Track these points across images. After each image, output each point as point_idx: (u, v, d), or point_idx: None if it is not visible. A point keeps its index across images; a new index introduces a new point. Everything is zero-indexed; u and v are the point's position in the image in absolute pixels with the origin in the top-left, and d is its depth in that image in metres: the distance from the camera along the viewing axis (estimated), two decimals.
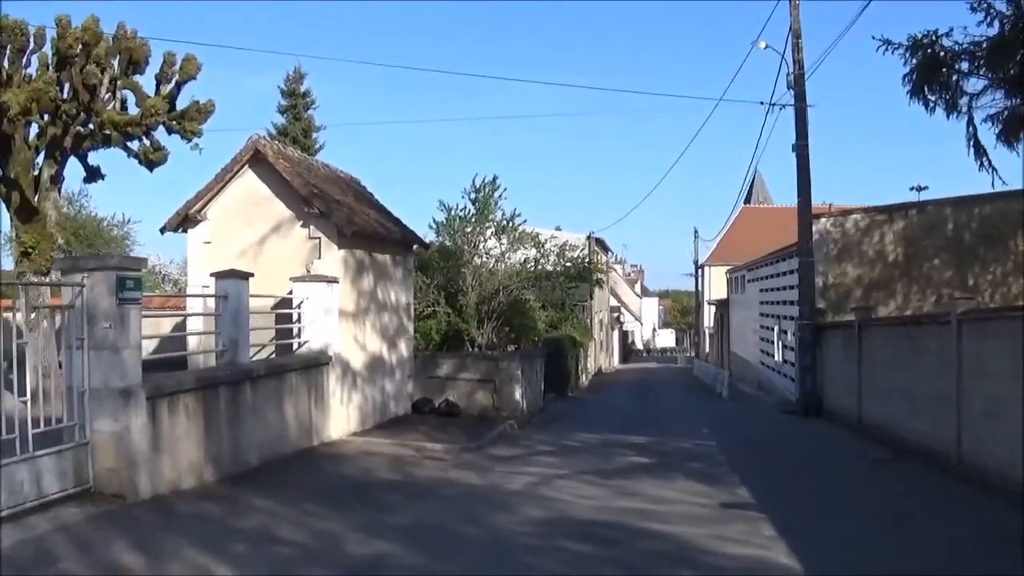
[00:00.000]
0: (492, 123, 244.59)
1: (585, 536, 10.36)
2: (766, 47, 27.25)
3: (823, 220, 28.08)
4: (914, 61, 19.43)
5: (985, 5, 18.77)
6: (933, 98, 19.69)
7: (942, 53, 19.23)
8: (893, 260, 27.78)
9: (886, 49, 19.83)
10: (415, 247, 24.61)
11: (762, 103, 28.21)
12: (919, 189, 49.69)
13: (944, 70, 19.30)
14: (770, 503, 12.41)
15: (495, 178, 31.46)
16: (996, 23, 18.57)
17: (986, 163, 19.81)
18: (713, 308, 66.99)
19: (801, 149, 26.63)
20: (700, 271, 75.41)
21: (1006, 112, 19.82)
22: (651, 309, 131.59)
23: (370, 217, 21.27)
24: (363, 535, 10.10)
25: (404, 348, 22.92)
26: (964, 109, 19.71)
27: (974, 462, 14.10)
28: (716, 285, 70.31)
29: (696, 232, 74.40)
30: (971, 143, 19.85)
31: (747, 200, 76.17)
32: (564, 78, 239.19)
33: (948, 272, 27.38)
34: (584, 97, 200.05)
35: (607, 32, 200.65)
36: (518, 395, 24.86)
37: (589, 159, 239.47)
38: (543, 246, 34.45)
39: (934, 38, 19.16)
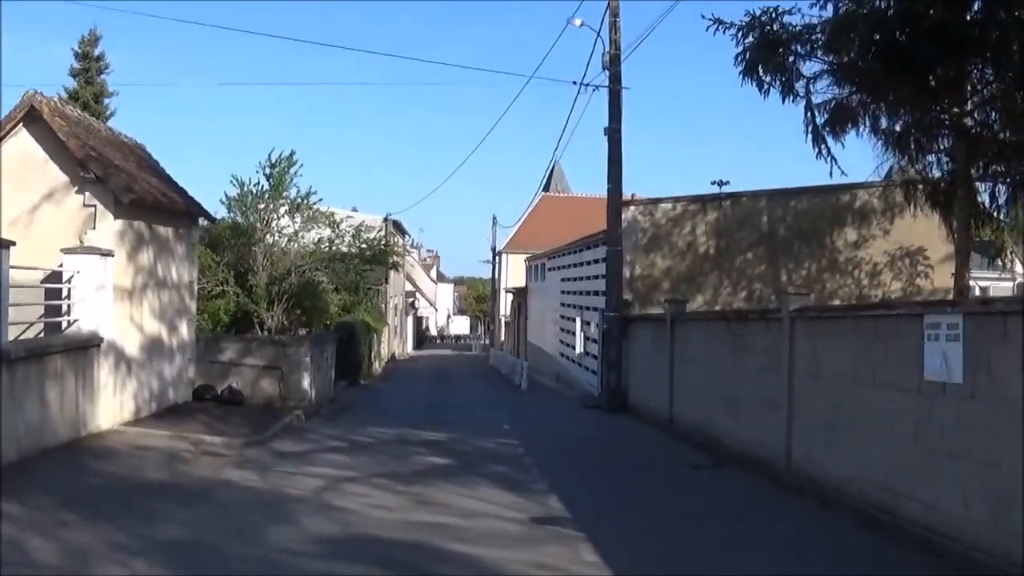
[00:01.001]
0: (293, 94, 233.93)
1: (378, 559, 8.80)
2: (581, 24, 25.82)
3: (632, 208, 26.97)
4: (748, 40, 18.30)
5: None
6: (768, 79, 18.60)
7: (782, 34, 18.18)
8: (704, 252, 26.98)
9: (717, 28, 18.68)
10: (201, 221, 22.85)
11: (575, 83, 26.78)
12: (720, 184, 49.40)
13: (781, 51, 18.25)
14: (587, 518, 11.05)
15: (292, 153, 30.08)
16: (830, 5, 17.68)
17: (824, 151, 18.85)
18: (510, 296, 66.22)
19: (613, 133, 25.46)
20: (498, 258, 74.68)
21: (834, 101, 18.98)
22: (446, 295, 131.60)
23: (152, 185, 19.31)
24: (122, 554, 8.56)
25: (186, 330, 21.06)
26: (801, 93, 18.70)
27: (808, 472, 12.95)
28: (514, 273, 69.73)
29: (495, 218, 73.86)
30: (809, 129, 18.89)
31: (546, 188, 75.90)
32: (376, 45, 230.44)
33: (761, 267, 26.83)
34: (392, 68, 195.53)
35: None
36: (307, 383, 23.07)
37: (392, 136, 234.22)
38: (338, 226, 33.38)
39: (774, 15, 18.08)
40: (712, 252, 26.94)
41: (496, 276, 75.68)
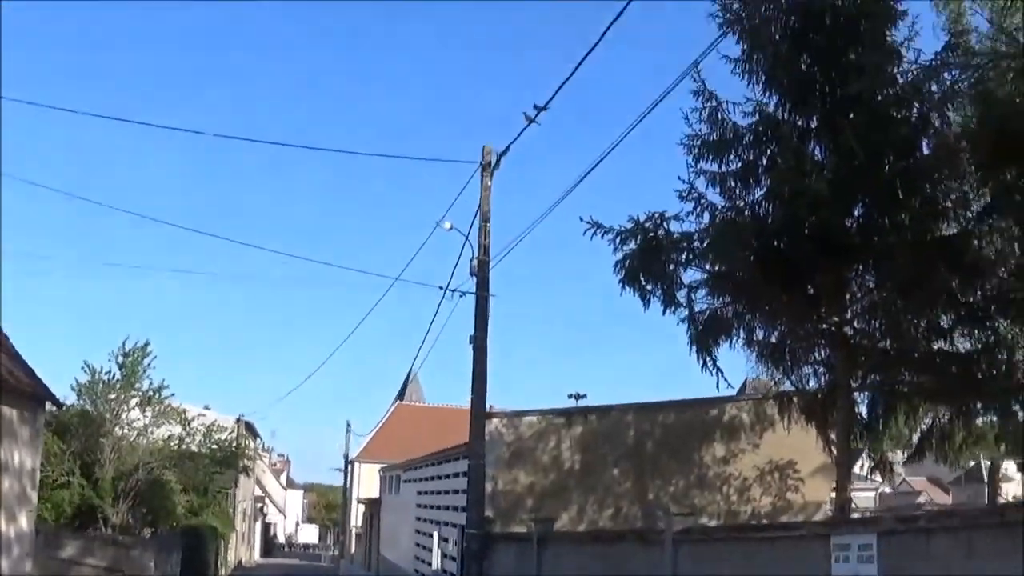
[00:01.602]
0: (149, 284, 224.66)
1: None
2: (451, 228, 25.40)
3: (495, 421, 26.04)
4: (629, 246, 18.16)
5: (696, 195, 18.04)
6: (650, 287, 18.42)
7: (664, 240, 18.13)
8: (570, 468, 26.19)
9: (595, 232, 18.55)
10: (49, 406, 21.59)
11: (441, 288, 26.13)
12: (577, 397, 48.88)
13: (663, 258, 18.16)
14: None
15: (146, 343, 29.72)
16: (707, 214, 17.83)
17: (709, 364, 18.69)
18: (362, 507, 64.00)
19: (479, 341, 24.65)
20: (350, 467, 72.56)
21: (708, 312, 18.97)
22: (296, 502, 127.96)
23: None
24: None
25: (25, 521, 19.47)
26: (684, 302, 18.59)
27: None
28: (367, 482, 66.95)
29: (349, 425, 71.69)
30: (692, 340, 18.73)
31: (400, 397, 75.14)
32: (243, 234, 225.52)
33: (627, 482, 26.16)
34: (250, 261, 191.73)
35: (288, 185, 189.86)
36: None
37: (248, 334, 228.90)
38: (189, 424, 32.88)
39: (659, 220, 18.05)
40: (578, 468, 26.14)
41: (348, 485, 73.32)
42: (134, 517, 28.45)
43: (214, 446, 34.66)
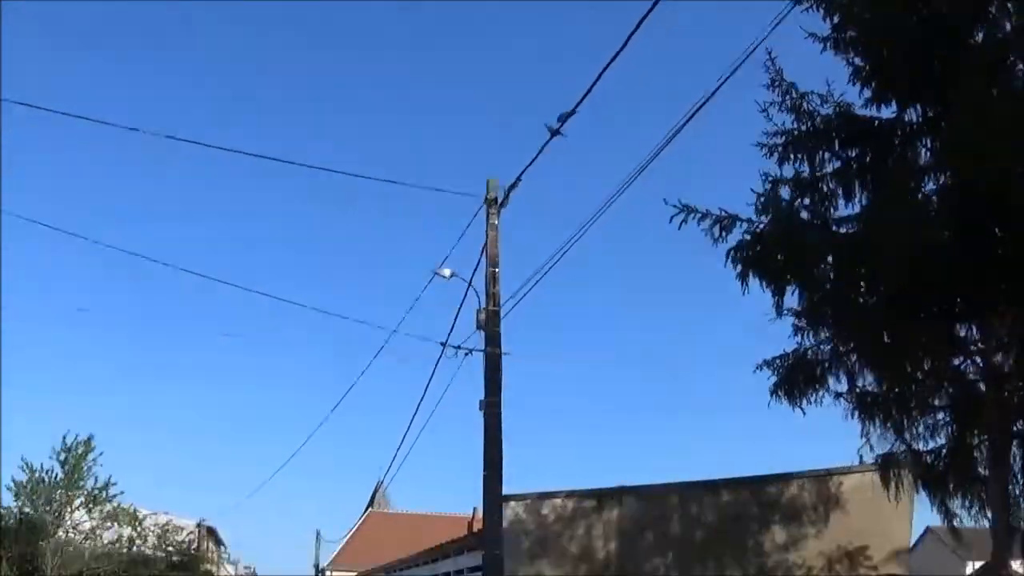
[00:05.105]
0: (93, 363, 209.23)
1: None
2: (452, 275, 21.43)
3: (513, 504, 22.05)
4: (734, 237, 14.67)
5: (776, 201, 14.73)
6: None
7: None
8: (604, 559, 22.19)
9: (684, 220, 14.94)
10: None
11: (443, 344, 21.99)
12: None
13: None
14: None
15: (89, 438, 26.95)
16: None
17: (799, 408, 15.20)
18: None
19: (491, 407, 20.42)
20: (321, 575, 68.40)
21: (792, 356, 15.44)
22: None
23: None
24: None
25: None
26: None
27: None
28: None
29: (319, 534, 67.93)
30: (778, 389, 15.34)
31: (369, 505, 73.16)
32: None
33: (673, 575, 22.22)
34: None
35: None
36: None
37: (212, 428, 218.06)
38: (141, 524, 30.10)
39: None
40: (613, 559, 22.19)
41: None
42: None
43: (171, 548, 32.18)
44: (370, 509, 72.26)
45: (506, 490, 20.98)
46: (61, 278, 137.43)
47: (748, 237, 14.64)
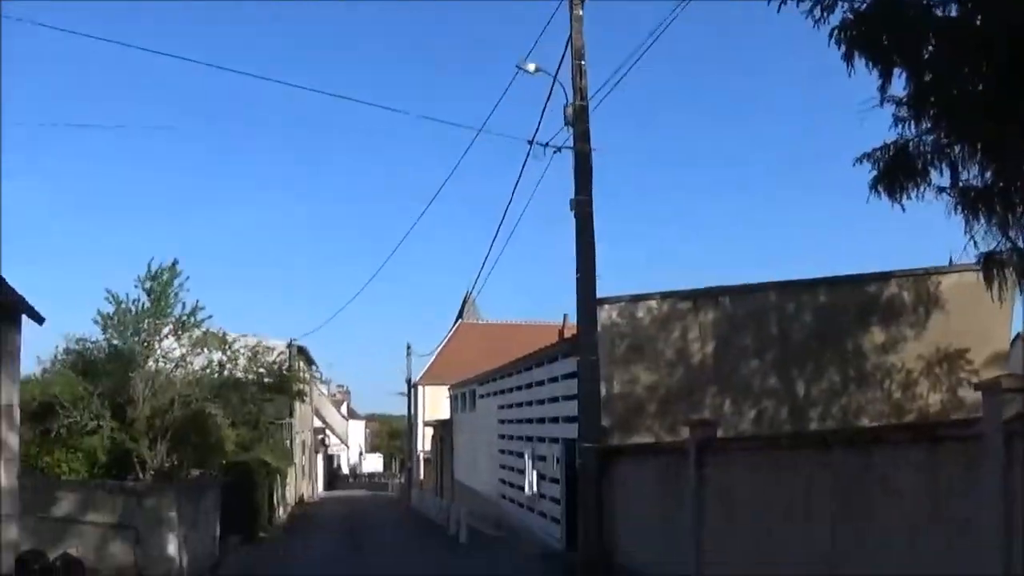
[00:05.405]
0: (181, 194, 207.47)
1: None
2: (537, 70, 20.36)
3: (607, 308, 21.33)
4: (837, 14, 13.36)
5: None
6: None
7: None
8: (700, 362, 21.51)
9: None
10: (22, 318, 16.56)
11: (530, 143, 21.04)
12: None
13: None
14: None
15: (174, 263, 26.12)
16: None
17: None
18: (430, 430, 60.93)
19: (582, 206, 19.78)
20: (413, 390, 69.04)
21: (893, 146, 14.15)
22: (358, 432, 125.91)
23: None
24: None
25: (2, 473, 14.83)
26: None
27: None
28: (432, 406, 64.78)
29: (409, 347, 68.01)
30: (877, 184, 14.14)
31: (459, 317, 73.63)
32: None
33: (771, 379, 21.48)
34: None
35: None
36: (172, 548, 17.27)
37: (299, 253, 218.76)
38: (231, 347, 29.19)
39: None
40: (710, 362, 21.49)
41: (412, 409, 70.01)
42: (179, 458, 25.12)
43: (261, 370, 31.25)
44: (460, 320, 72.42)
45: (599, 295, 20.54)
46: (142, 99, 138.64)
47: (851, 16, 13.33)
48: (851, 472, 10.74)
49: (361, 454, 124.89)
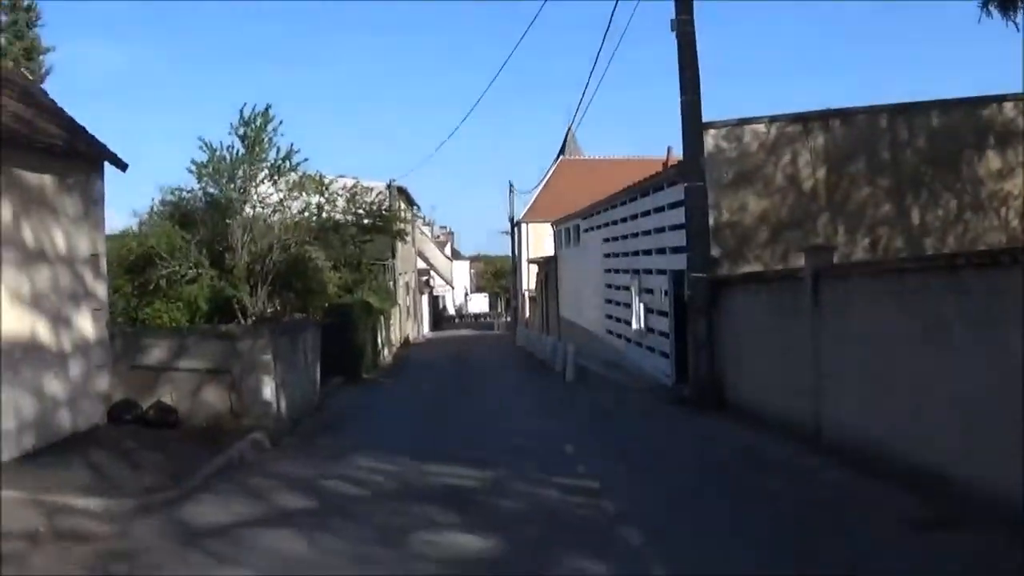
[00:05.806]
0: (269, 36, 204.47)
1: None
2: None
3: (713, 133, 20.15)
4: None
5: None
6: None
7: None
8: (811, 189, 20.32)
9: None
10: (104, 166, 16.06)
11: None
12: None
13: None
14: None
15: (267, 108, 24.99)
16: None
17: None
18: (534, 268, 60.50)
19: (683, 26, 18.60)
20: (517, 228, 68.39)
21: None
22: (463, 273, 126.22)
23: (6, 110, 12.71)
24: None
25: (90, 324, 14.79)
26: None
27: None
28: (536, 244, 64.34)
29: (511, 185, 67.13)
30: None
31: (560, 153, 72.06)
32: None
33: (885, 206, 20.22)
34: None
35: None
36: (269, 392, 16.74)
37: (395, 94, 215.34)
38: (328, 189, 29.11)
39: None
40: (821, 188, 20.29)
41: (516, 248, 69.48)
42: (280, 303, 24.84)
43: (360, 211, 31.10)
44: (561, 157, 71.06)
45: (704, 119, 19.44)
46: None
47: None
48: (983, 297, 9.75)
49: (466, 295, 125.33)
